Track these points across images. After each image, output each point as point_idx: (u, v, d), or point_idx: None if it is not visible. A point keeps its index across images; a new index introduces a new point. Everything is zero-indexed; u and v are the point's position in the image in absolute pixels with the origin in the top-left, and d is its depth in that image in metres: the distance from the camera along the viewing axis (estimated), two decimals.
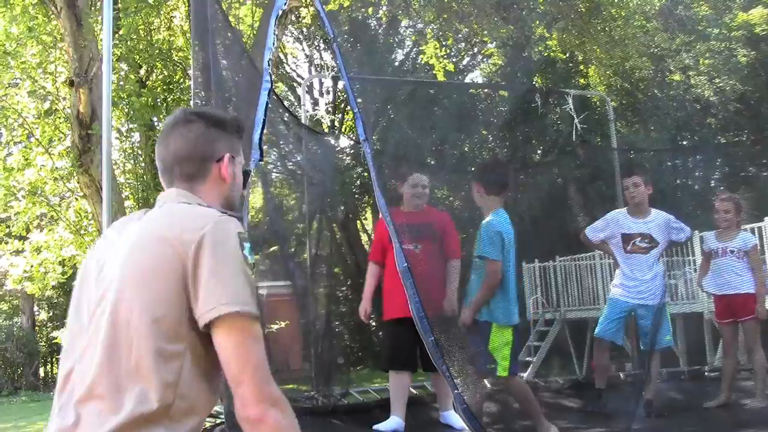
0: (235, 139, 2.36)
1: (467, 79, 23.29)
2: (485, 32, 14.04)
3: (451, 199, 16.99)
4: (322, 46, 22.19)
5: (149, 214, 2.14)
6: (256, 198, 12.15)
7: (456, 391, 4.60)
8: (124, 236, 2.07)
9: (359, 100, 4.96)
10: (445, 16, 13.17)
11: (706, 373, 9.16)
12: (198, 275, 1.91)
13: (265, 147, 5.26)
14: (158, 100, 11.04)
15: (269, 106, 5.23)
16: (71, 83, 9.61)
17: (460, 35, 17.83)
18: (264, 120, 5.01)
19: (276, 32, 5.28)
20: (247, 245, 2.01)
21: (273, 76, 5.46)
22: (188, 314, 1.92)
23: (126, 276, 1.96)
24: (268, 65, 5.21)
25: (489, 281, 5.53)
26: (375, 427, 6.07)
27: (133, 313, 1.91)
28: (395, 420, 6.09)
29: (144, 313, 1.90)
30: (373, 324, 20.49)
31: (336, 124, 21.89)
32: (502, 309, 5.58)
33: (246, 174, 2.46)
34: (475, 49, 22.45)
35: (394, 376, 6.27)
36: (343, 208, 16.62)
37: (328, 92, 23.11)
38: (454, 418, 6.10)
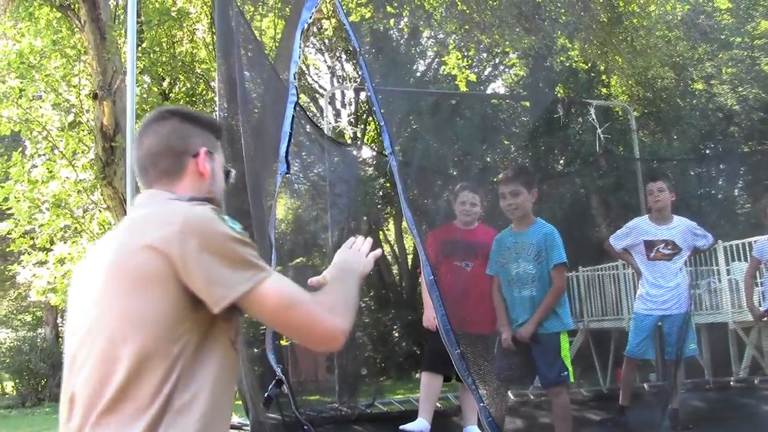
0: (212, 137, 2.32)
1: (489, 90, 23.26)
2: (507, 43, 14.03)
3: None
4: (343, 57, 22.22)
5: (118, 226, 2.10)
6: (280, 209, 12.17)
7: (482, 404, 4.57)
8: (101, 254, 2.03)
9: (383, 111, 4.93)
10: (467, 26, 13.17)
11: (731, 384, 9.10)
12: (190, 271, 1.87)
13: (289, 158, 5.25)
14: None
15: (294, 118, 5.24)
16: (95, 96, 9.68)
17: (482, 46, 17.78)
18: (290, 133, 5.02)
19: (301, 45, 5.29)
20: (226, 217, 1.98)
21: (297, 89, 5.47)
22: (184, 313, 1.88)
23: (106, 291, 1.93)
24: (294, 78, 5.22)
25: (560, 286, 5.53)
26: (402, 427, 6.05)
27: (121, 326, 1.87)
28: (422, 422, 6.07)
29: (127, 322, 1.87)
30: (396, 335, 20.46)
31: (358, 135, 21.88)
32: (567, 313, 5.60)
33: (227, 174, 2.39)
34: (497, 60, 22.43)
35: (427, 377, 6.22)
36: (365, 218, 16.64)
37: (350, 103, 23.14)
38: None
